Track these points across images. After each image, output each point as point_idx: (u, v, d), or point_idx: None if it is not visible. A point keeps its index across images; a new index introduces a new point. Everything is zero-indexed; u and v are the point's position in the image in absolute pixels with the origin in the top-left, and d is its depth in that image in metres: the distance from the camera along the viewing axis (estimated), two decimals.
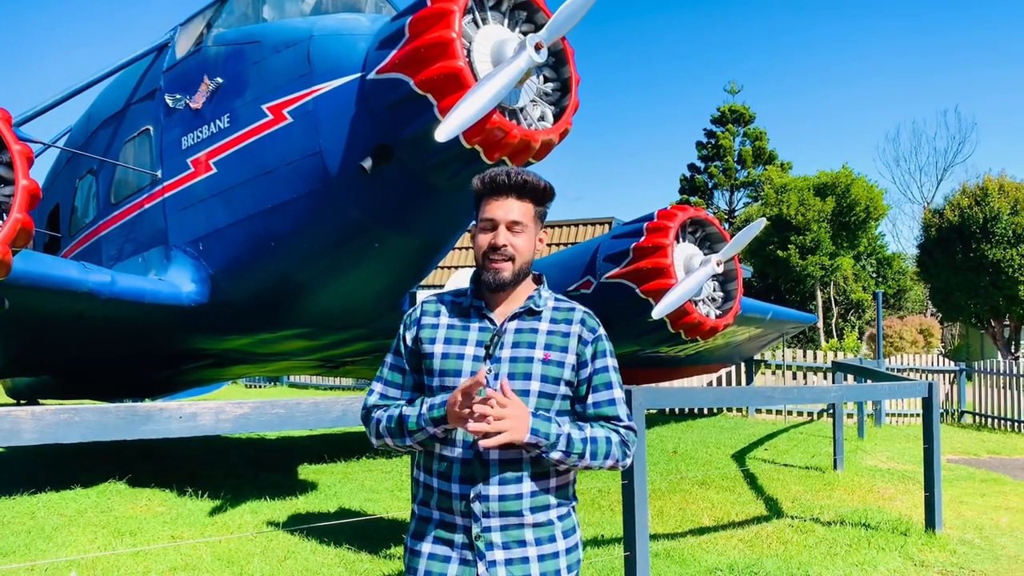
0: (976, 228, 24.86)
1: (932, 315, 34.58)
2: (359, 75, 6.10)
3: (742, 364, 16.59)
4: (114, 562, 5.44)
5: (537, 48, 5.26)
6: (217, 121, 7.17)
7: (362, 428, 2.40)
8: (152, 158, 7.91)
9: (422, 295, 5.91)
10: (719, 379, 16.77)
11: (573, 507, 2.28)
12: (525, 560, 2.12)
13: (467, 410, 1.99)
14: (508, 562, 2.11)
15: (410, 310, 2.35)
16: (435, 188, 6.29)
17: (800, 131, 76.07)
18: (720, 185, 42.41)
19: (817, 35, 75.81)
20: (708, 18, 77.84)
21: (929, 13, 72.49)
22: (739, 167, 41.90)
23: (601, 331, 2.29)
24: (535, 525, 2.15)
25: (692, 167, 43.40)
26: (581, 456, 2.13)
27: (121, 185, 8.50)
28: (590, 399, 2.23)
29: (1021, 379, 14.94)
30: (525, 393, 2.15)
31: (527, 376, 2.17)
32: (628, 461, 2.25)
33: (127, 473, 8.30)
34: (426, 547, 2.18)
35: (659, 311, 7.93)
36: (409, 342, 2.29)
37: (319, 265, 6.92)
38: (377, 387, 2.33)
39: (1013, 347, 27.36)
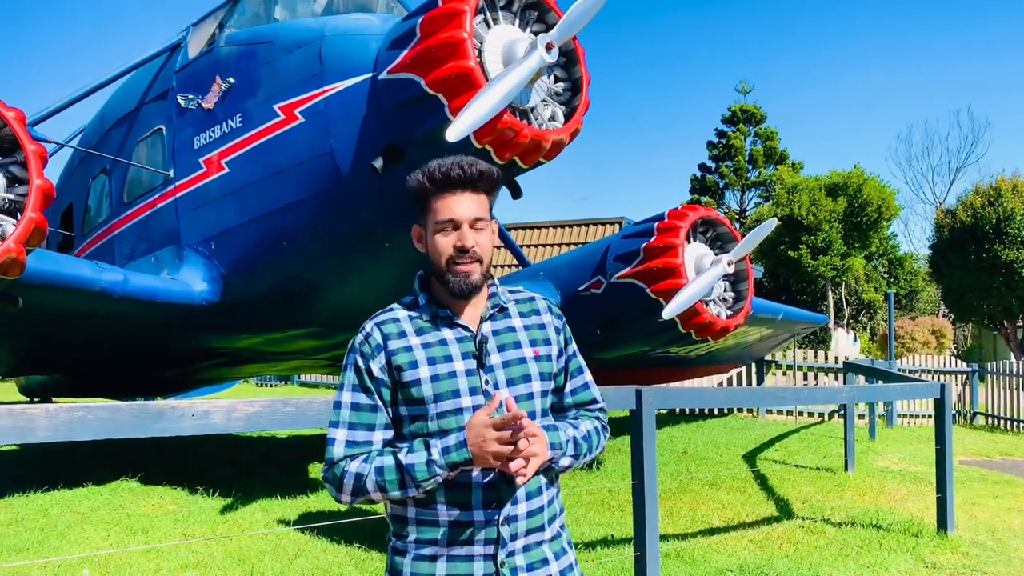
0: (989, 229, 24.71)
1: (944, 316, 34.40)
2: (370, 75, 6.12)
3: (753, 365, 16.54)
4: (126, 559, 5.48)
5: (548, 48, 5.26)
6: (229, 121, 7.20)
7: None
8: (164, 158, 7.96)
9: None
10: (730, 379, 16.72)
11: (564, 515, 2.21)
12: None
13: (508, 448, 1.83)
14: None
15: (362, 335, 2.05)
16: None
17: (812, 131, 75.86)
18: (731, 185, 42.28)
19: (829, 34, 75.59)
20: (719, 18, 77.69)
21: (941, 12, 72.13)
22: (750, 167, 41.77)
23: (563, 316, 2.21)
24: (551, 539, 2.06)
25: (703, 167, 43.29)
26: (585, 455, 2.09)
27: (134, 184, 8.55)
28: (568, 386, 2.16)
29: None
30: (529, 396, 2.04)
31: (527, 378, 2.04)
32: (606, 442, 2.19)
33: (139, 471, 8.35)
34: None
35: (670, 311, 7.91)
36: (378, 373, 2.00)
37: (330, 265, 6.94)
38: (340, 435, 2.00)
39: None
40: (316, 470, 9.18)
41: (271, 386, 24.32)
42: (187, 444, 10.60)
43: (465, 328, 2.04)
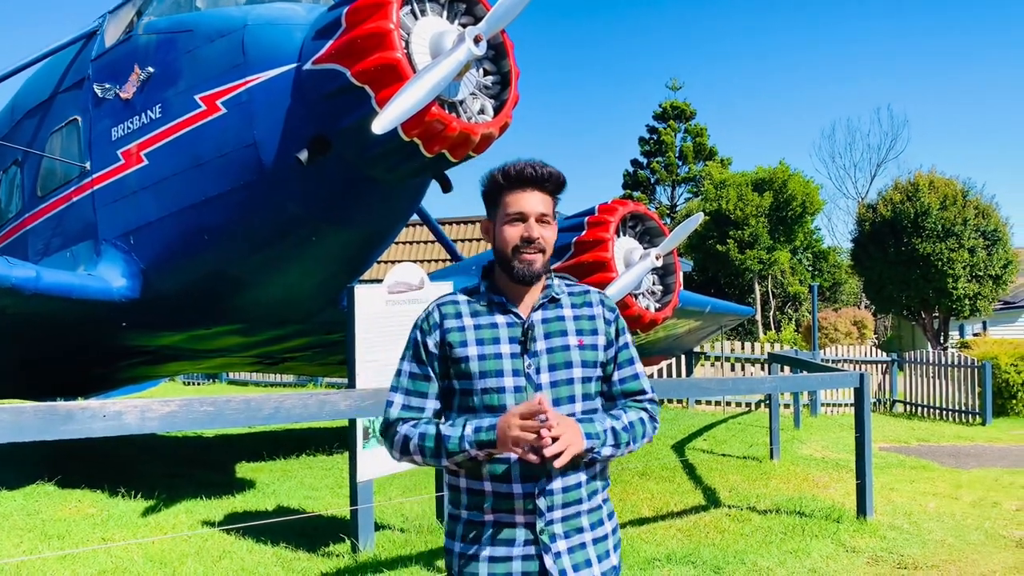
0: (908, 223, 25.54)
1: (866, 307, 35.51)
2: (295, 65, 6.00)
3: (683, 356, 16.82)
4: (40, 567, 5.27)
5: (476, 41, 5.23)
6: (148, 112, 6.98)
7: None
8: (81, 149, 7.67)
9: (361, 290, 5.83)
10: (660, 371, 16.98)
11: (608, 490, 2.36)
12: (583, 546, 2.19)
13: (529, 435, 1.98)
14: (570, 550, 2.17)
15: (424, 314, 2.28)
16: (374, 181, 6.23)
17: (739, 127, 77.32)
18: (662, 180, 42.91)
19: (755, 32, 77.10)
20: (652, 13, 78.52)
21: (862, 12, 74.28)
22: (680, 163, 42.44)
23: (617, 309, 2.36)
24: (589, 511, 2.22)
25: (635, 162, 43.84)
26: (627, 444, 2.22)
27: (48, 177, 8.23)
28: (616, 376, 2.31)
29: (949, 369, 15.45)
30: (569, 381, 2.20)
31: (568, 364, 2.21)
32: (655, 432, 2.34)
33: (57, 474, 8.05)
34: (485, 551, 2.17)
35: None
36: (433, 347, 2.23)
37: (254, 259, 6.79)
38: (397, 398, 2.25)
39: (942, 338, 28.24)
40: (244, 469, 8.99)
41: (199, 384, 23.75)
42: (109, 445, 10.25)
43: (516, 315, 2.24)
